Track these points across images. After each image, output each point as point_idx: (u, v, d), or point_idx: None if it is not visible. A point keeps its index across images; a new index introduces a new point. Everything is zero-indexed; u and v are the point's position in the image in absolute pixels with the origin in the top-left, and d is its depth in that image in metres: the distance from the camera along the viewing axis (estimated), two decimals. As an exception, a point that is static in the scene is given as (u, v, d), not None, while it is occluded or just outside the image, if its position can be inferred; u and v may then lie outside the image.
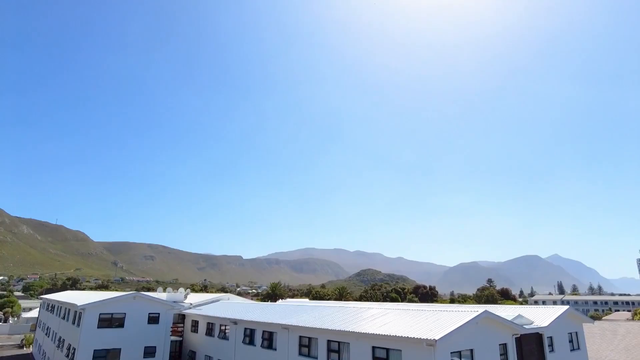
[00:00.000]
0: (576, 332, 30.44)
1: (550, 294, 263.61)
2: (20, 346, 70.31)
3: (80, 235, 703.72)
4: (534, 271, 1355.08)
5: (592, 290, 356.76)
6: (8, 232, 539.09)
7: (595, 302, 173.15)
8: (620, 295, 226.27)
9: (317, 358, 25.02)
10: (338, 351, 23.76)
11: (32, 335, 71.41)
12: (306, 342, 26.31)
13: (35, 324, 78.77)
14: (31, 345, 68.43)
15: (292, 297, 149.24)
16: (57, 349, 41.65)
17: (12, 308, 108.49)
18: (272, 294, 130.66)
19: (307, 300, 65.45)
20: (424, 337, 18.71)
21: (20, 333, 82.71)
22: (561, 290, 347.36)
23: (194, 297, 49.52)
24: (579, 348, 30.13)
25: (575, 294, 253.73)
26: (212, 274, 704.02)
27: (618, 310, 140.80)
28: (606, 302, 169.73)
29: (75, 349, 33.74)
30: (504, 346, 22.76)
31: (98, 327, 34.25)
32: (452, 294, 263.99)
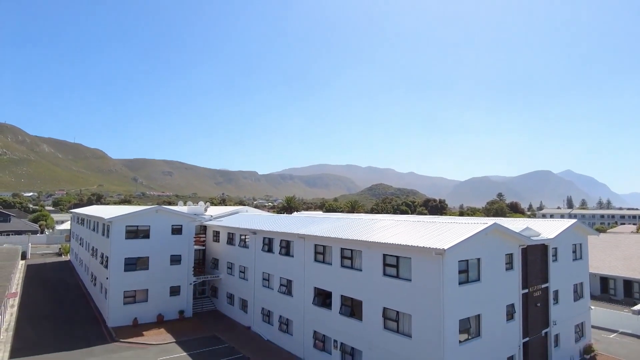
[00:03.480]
0: (580, 244, 31.49)
1: (558, 208, 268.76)
2: (59, 254, 76.72)
3: (99, 153, 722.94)
4: (545, 186, 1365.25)
5: (600, 205, 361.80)
6: (30, 151, 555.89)
7: (602, 216, 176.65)
8: (628, 209, 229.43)
9: (331, 264, 26.84)
10: (351, 258, 25.36)
11: (68, 244, 77.40)
12: (321, 249, 28.02)
13: (68, 235, 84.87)
14: (68, 254, 74.55)
15: (307, 209, 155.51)
16: (92, 257, 45.38)
17: (45, 221, 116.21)
18: (288, 207, 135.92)
19: (320, 212, 68.18)
20: (434, 246, 19.65)
21: (57, 243, 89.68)
22: (570, 205, 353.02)
23: (213, 210, 51.91)
24: (581, 258, 31.44)
25: (584, 208, 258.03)
26: (229, 189, 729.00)
27: (624, 224, 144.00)
28: (613, 216, 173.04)
29: (108, 257, 36.72)
30: (509, 256, 23.88)
31: (126, 238, 36.78)
32: (461, 207, 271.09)
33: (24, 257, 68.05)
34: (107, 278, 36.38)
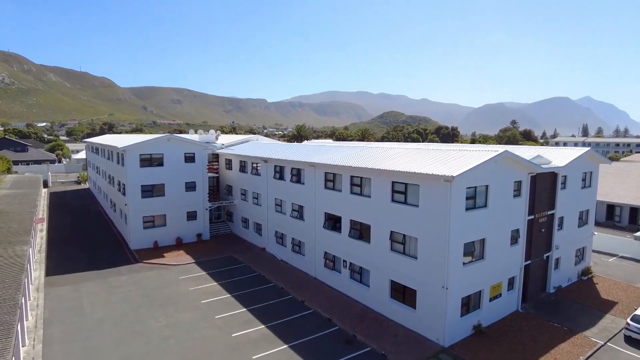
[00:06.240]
0: (590, 172, 31.39)
1: (573, 136, 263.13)
2: (78, 182, 79.48)
3: (107, 82, 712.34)
4: (562, 113, 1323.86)
5: (617, 133, 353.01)
6: (38, 80, 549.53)
7: (617, 145, 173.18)
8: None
9: (341, 191, 27.51)
10: (360, 185, 25.90)
11: (86, 173, 79.79)
12: (331, 177, 28.56)
13: (85, 164, 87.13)
14: (87, 182, 77.16)
15: (317, 138, 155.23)
16: (110, 185, 47.00)
17: (62, 150, 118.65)
18: (298, 136, 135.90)
19: (330, 141, 68.07)
20: (442, 173, 19.84)
21: (75, 172, 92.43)
22: (585, 133, 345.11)
23: (224, 139, 52.18)
24: (590, 186, 31.54)
25: (599, 136, 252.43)
26: (238, 117, 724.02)
27: (639, 152, 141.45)
28: (629, 144, 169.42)
29: (125, 185, 38.00)
30: (518, 183, 24.08)
31: (140, 166, 37.67)
32: (473, 134, 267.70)
33: (45, 185, 70.69)
34: (125, 204, 38.00)
